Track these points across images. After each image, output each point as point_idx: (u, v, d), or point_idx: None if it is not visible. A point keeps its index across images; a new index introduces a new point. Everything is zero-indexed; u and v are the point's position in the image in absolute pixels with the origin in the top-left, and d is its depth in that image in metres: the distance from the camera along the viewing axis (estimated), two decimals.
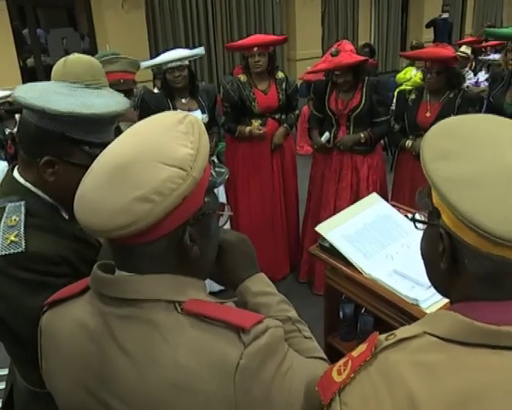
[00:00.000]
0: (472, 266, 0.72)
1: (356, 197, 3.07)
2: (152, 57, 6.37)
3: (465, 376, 0.68)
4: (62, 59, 1.34)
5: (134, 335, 0.79)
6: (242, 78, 3.44)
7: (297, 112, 3.66)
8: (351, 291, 1.83)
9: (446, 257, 0.74)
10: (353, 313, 1.97)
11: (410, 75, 6.00)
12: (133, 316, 0.79)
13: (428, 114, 3.00)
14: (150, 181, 0.73)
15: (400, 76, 6.38)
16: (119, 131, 0.91)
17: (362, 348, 0.78)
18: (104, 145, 0.84)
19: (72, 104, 1.07)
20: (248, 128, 3.40)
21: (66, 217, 1.17)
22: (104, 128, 1.12)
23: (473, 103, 2.90)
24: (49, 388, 0.92)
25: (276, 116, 3.49)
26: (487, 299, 0.72)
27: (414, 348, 0.73)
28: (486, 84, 5.55)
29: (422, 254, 0.84)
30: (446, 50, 2.98)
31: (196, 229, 0.81)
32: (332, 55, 3.09)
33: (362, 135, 3.21)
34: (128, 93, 2.96)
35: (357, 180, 3.29)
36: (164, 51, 3.36)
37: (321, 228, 1.87)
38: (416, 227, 0.83)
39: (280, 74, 3.50)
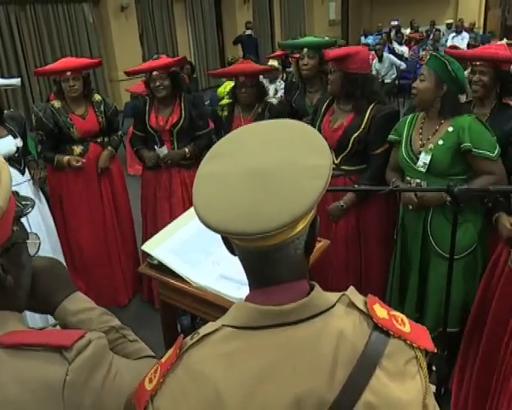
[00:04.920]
0: (238, 254, 0.82)
1: None
2: None
3: (259, 356, 0.75)
4: None
5: None
6: (56, 104, 3.27)
7: (120, 133, 3.58)
8: (184, 303, 1.87)
9: (227, 249, 0.84)
10: (190, 324, 2.01)
11: (230, 89, 6.31)
12: None
13: None
14: None
15: (221, 90, 6.68)
16: None
17: (169, 352, 0.81)
18: None
19: None
20: (66, 158, 3.25)
21: None
22: None
23: (280, 116, 3.16)
24: None
25: (99, 140, 3.39)
26: (264, 285, 0.80)
27: (214, 342, 0.78)
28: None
29: None
30: (253, 65, 3.23)
31: (7, 259, 0.82)
32: (153, 59, 3.27)
33: (186, 150, 3.28)
34: None
35: (187, 195, 3.35)
36: None
37: (147, 246, 1.88)
38: None
39: (97, 97, 3.41)
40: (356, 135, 2.61)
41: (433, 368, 2.24)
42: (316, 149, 0.80)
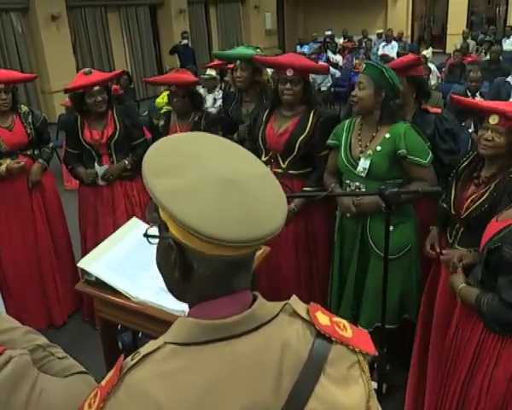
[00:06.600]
0: (200, 268, 0.77)
1: None
2: None
3: (203, 372, 0.73)
4: None
5: None
6: None
7: (51, 145, 3.45)
8: (124, 319, 1.82)
9: (178, 266, 0.77)
10: (132, 340, 1.97)
11: (168, 96, 6.25)
12: None
13: None
14: None
15: (159, 100, 6.59)
16: None
17: (109, 374, 0.78)
18: None
19: None
20: (4, 166, 3.08)
21: None
22: None
23: (215, 124, 3.18)
24: None
25: (29, 152, 3.25)
26: (216, 296, 0.78)
27: (156, 361, 0.75)
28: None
29: (158, 267, 0.86)
30: (186, 75, 3.23)
31: None
32: (86, 74, 3.10)
33: (126, 162, 3.23)
34: None
35: (131, 207, 3.27)
36: None
37: (83, 263, 1.82)
38: (149, 242, 0.83)
39: (24, 108, 3.28)
40: (302, 138, 2.68)
41: (375, 366, 2.30)
42: (250, 157, 0.80)
